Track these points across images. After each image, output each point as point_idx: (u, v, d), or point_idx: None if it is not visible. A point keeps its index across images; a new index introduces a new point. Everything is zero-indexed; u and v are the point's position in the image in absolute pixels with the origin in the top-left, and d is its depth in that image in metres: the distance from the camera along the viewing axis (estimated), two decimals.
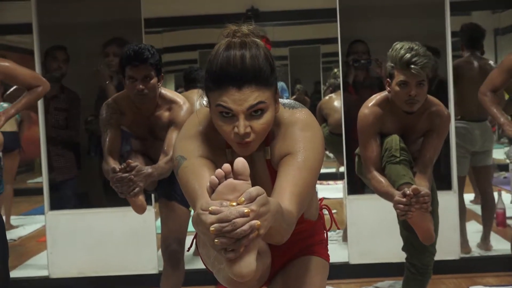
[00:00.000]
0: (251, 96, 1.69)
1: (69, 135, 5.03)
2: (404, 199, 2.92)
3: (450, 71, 4.76)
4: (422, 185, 3.11)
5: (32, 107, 5.01)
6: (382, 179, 3.20)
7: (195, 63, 8.12)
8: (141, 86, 3.35)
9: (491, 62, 5.18)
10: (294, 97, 8.15)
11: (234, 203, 1.44)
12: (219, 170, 1.48)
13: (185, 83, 5.64)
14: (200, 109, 1.90)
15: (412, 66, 3.06)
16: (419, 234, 3.15)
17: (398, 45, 3.15)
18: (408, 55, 3.07)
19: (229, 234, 1.41)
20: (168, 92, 3.56)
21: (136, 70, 3.34)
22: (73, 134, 5.05)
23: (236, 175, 1.48)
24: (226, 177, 1.48)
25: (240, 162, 1.49)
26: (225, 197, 1.46)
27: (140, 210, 3.42)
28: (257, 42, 1.75)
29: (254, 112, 1.72)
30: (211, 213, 1.43)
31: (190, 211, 3.66)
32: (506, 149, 4.12)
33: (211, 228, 1.41)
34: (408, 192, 2.91)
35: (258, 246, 1.54)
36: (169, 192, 3.63)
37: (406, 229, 3.36)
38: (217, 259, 1.63)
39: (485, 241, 5.15)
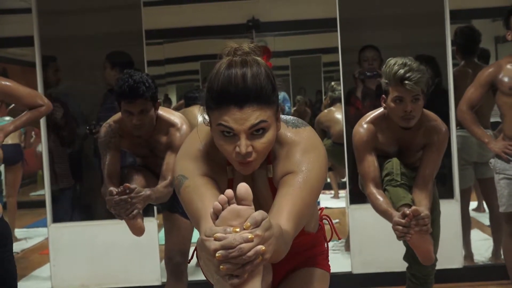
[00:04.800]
0: (253, 115, 1.68)
1: (72, 148, 5.05)
2: (403, 221, 2.88)
3: (451, 80, 4.77)
4: (422, 203, 3.09)
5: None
6: (380, 196, 3.17)
7: (196, 74, 8.14)
8: (137, 121, 3.29)
9: None
10: (294, 108, 8.15)
11: (238, 229, 1.43)
12: (222, 196, 1.48)
13: (186, 101, 5.66)
14: (200, 126, 1.89)
15: (406, 82, 3.04)
16: (419, 256, 3.12)
17: (391, 61, 3.13)
18: (401, 71, 3.04)
19: (235, 260, 1.41)
20: (166, 113, 3.47)
21: (132, 105, 3.26)
22: (76, 147, 5.06)
23: (239, 200, 1.48)
24: (229, 202, 1.47)
25: (243, 188, 1.48)
26: (229, 223, 1.45)
27: (138, 232, 3.35)
28: (258, 61, 1.73)
29: (256, 131, 1.70)
30: (216, 239, 1.43)
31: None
32: (492, 160, 4.15)
33: (217, 254, 1.41)
34: (407, 212, 2.87)
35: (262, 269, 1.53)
36: (172, 205, 3.61)
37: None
38: (221, 285, 1.62)
39: (496, 254, 5.11)
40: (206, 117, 1.78)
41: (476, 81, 4.14)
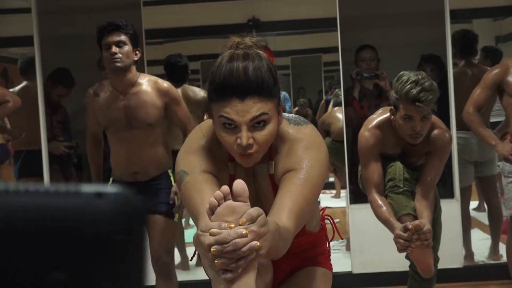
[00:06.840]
0: (254, 107, 1.70)
1: (69, 147, 5.06)
2: (405, 234, 2.89)
3: (451, 80, 4.76)
4: (424, 214, 3.09)
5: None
6: (382, 203, 3.17)
7: (197, 74, 8.10)
8: (113, 49, 3.44)
9: (488, 69, 5.15)
10: (296, 109, 8.14)
11: (233, 225, 1.45)
12: (218, 192, 1.50)
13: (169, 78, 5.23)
14: (204, 122, 1.92)
15: (417, 103, 3.00)
16: (419, 268, 3.16)
17: (404, 76, 3.08)
18: (414, 91, 2.99)
19: (229, 255, 1.43)
20: (149, 75, 3.70)
21: (109, 36, 3.46)
22: (75, 145, 5.07)
23: (235, 196, 1.49)
24: (225, 198, 1.49)
25: (239, 184, 1.50)
26: (225, 218, 1.47)
27: None
28: (260, 54, 1.75)
29: (257, 123, 1.72)
30: (211, 234, 1.44)
31: (175, 222, 3.69)
32: (500, 163, 4.13)
33: (212, 249, 1.43)
34: (410, 227, 2.88)
35: (257, 265, 1.55)
36: (154, 205, 3.60)
37: None
38: (217, 281, 1.64)
39: (494, 251, 5.11)
40: (208, 109, 1.80)
41: (482, 82, 4.07)
